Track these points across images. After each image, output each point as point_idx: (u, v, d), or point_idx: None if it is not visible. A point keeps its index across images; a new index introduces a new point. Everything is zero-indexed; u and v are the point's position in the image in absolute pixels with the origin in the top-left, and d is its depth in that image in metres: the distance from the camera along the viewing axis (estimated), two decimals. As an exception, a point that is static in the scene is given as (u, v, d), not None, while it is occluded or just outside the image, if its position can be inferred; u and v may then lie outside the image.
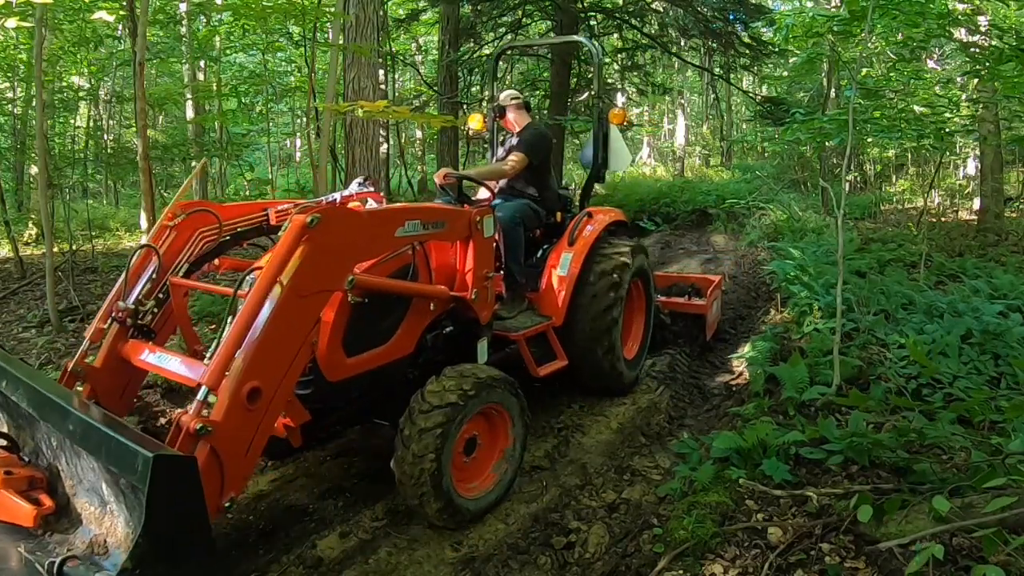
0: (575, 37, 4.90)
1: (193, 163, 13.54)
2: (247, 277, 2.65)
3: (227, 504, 2.27)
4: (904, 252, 7.62)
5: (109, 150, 12.51)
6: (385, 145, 11.33)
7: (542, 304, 4.24)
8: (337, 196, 3.79)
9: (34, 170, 11.42)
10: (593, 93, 4.50)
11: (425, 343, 3.38)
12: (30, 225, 11.56)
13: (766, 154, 23.04)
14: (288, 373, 2.48)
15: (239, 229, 3.47)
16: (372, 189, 3.91)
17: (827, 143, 5.85)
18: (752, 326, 6.28)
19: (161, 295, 3.07)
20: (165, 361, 2.72)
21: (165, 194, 17.03)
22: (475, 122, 4.99)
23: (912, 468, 3.00)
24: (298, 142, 20.77)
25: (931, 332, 4.67)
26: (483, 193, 4.62)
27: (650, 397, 4.61)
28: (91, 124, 13.93)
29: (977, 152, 11.28)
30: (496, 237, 3.80)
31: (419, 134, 18.96)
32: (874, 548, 2.45)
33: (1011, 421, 3.19)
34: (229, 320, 2.53)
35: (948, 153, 12.74)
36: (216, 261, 3.41)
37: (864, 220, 11.24)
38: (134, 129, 10.75)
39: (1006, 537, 2.21)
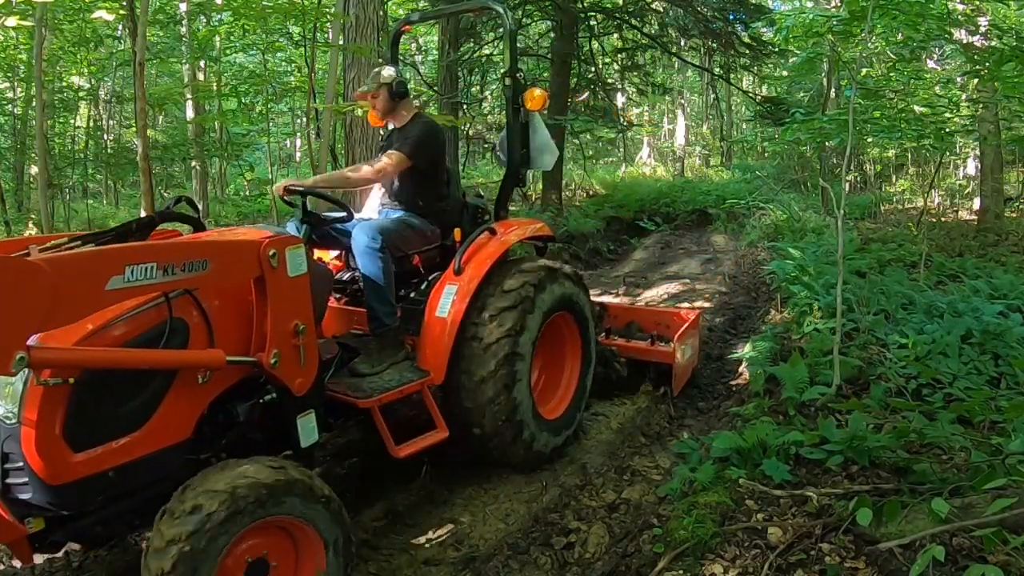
0: (485, 3, 4.04)
1: (194, 163, 13.56)
2: None
3: None
4: (904, 252, 7.62)
5: (109, 150, 12.53)
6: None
7: (421, 355, 3.28)
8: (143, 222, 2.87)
9: (34, 170, 11.42)
10: (504, 72, 3.73)
11: (218, 422, 2.56)
12: (30, 225, 11.55)
13: (766, 154, 23.05)
14: None
15: None
16: (192, 213, 3.00)
17: (827, 143, 5.87)
18: (752, 326, 6.28)
19: None
20: None
21: (165, 194, 17.05)
22: (374, 117, 3.88)
23: (912, 468, 3.00)
24: (298, 142, 20.77)
25: (931, 332, 4.66)
26: (372, 206, 3.92)
27: (650, 397, 4.61)
28: (91, 124, 13.94)
29: (977, 152, 11.29)
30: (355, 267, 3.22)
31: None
32: (874, 548, 2.45)
33: (1011, 421, 3.19)
34: None
35: (948, 153, 12.75)
36: None
37: (864, 220, 11.25)
38: (134, 129, 10.75)
39: (1006, 537, 2.21)
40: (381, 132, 5.18)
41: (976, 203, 10.67)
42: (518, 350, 3.29)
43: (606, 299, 6.66)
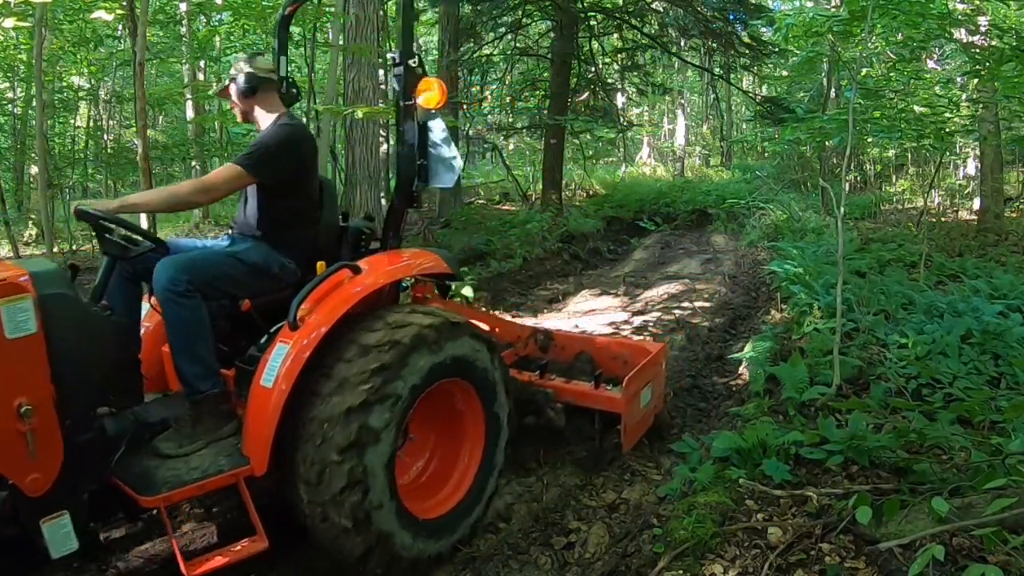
0: None
1: (194, 163, 13.57)
2: None
3: None
4: (904, 252, 7.62)
5: (109, 150, 12.54)
6: (385, 145, 11.32)
7: (245, 435, 2.49)
8: None
9: (34, 170, 11.43)
10: (393, 57, 2.94)
11: None
12: (30, 225, 11.57)
13: (766, 154, 23.06)
14: None
15: None
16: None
17: (827, 143, 5.86)
18: (752, 326, 6.28)
19: None
20: None
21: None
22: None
23: (912, 468, 3.00)
24: (298, 142, 20.74)
25: (931, 332, 4.66)
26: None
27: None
28: (91, 124, 13.95)
29: (977, 152, 11.29)
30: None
31: (419, 134, 18.96)
32: (874, 548, 2.45)
33: (1011, 421, 3.19)
34: None
35: (948, 153, 12.75)
36: None
37: (864, 220, 11.25)
38: (134, 129, 10.75)
39: (1006, 537, 2.21)
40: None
41: (976, 203, 10.67)
42: (374, 431, 2.39)
43: (553, 325, 6.27)
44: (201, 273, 2.57)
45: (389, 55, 3.07)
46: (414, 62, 2.89)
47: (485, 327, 4.06)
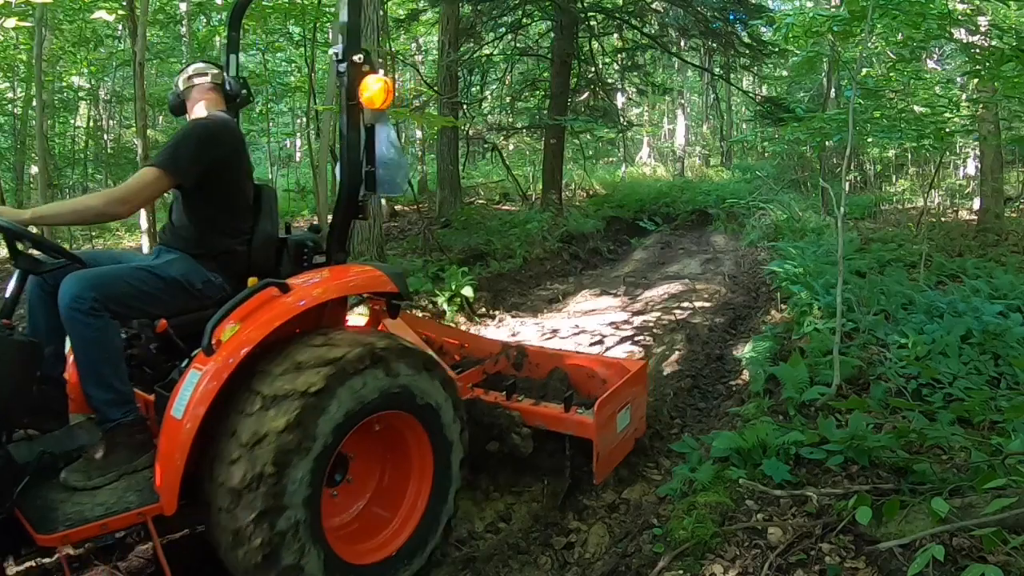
0: None
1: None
2: None
3: None
4: (904, 252, 7.62)
5: (109, 150, 12.54)
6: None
7: (157, 469, 2.25)
8: None
9: (34, 170, 11.43)
10: (336, 57, 2.68)
11: None
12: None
13: (766, 154, 23.06)
14: None
15: None
16: None
17: (827, 143, 5.86)
18: (752, 326, 6.28)
19: None
20: None
21: (165, 194, 17.05)
22: None
23: (912, 468, 3.00)
24: (298, 142, 20.76)
25: (931, 332, 4.66)
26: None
27: (649, 399, 4.61)
28: (91, 124, 13.95)
29: (977, 152, 11.29)
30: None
31: (419, 134, 18.97)
32: (874, 548, 2.45)
33: (1011, 421, 3.19)
34: None
35: (948, 153, 12.76)
36: None
37: (864, 220, 11.26)
38: (134, 129, 10.75)
39: (1006, 537, 2.21)
40: None
41: (976, 203, 10.67)
42: (292, 469, 2.16)
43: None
44: (110, 289, 2.31)
45: (331, 50, 2.82)
46: (359, 58, 2.62)
47: (453, 342, 4.03)
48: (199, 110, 2.73)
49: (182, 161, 2.48)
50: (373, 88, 2.56)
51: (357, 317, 4.08)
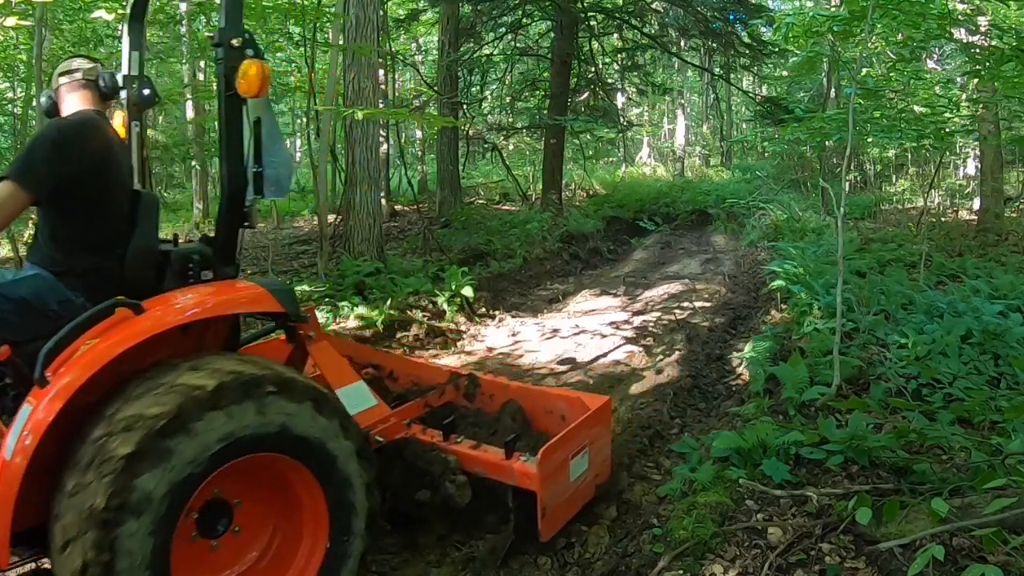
0: None
1: (194, 163, 13.58)
2: None
3: None
4: (904, 252, 7.62)
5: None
6: (385, 145, 11.33)
7: None
8: None
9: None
10: (212, 41, 2.42)
11: None
12: (30, 225, 11.56)
13: (766, 154, 23.06)
14: None
15: None
16: None
17: (827, 143, 5.86)
18: (752, 326, 6.28)
19: None
20: None
21: (165, 194, 17.05)
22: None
23: (912, 468, 3.00)
24: (298, 142, 20.77)
25: (931, 332, 4.66)
26: None
27: (649, 399, 4.61)
28: (91, 124, 13.93)
29: (977, 152, 11.29)
30: None
31: (419, 134, 18.98)
32: (874, 548, 2.45)
33: (1011, 421, 3.19)
34: None
35: (948, 153, 12.76)
36: None
37: (864, 220, 11.26)
38: (134, 129, 10.75)
39: (1006, 537, 2.21)
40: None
41: (976, 203, 10.68)
42: (131, 520, 1.86)
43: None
44: None
45: (207, 35, 2.53)
46: (238, 41, 2.30)
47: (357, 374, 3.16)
48: (66, 109, 2.45)
49: (36, 170, 2.20)
50: (247, 74, 2.26)
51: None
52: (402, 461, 2.83)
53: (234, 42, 2.31)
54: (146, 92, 2.73)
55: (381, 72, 9.49)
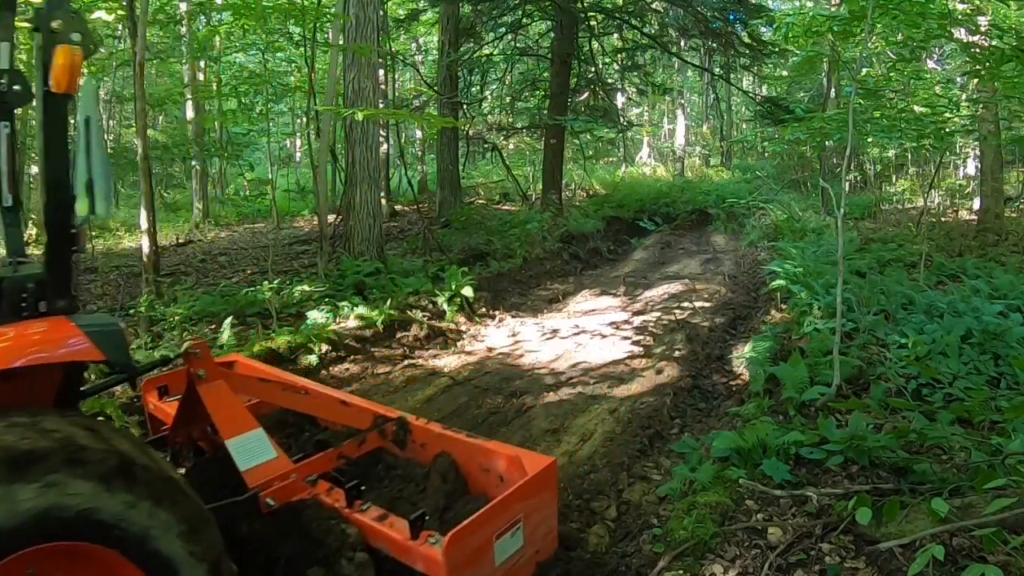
0: None
1: (194, 163, 13.58)
2: None
3: None
4: (904, 252, 7.63)
5: (109, 150, 12.52)
6: (385, 145, 11.33)
7: None
8: None
9: (34, 170, 11.42)
10: (31, 19, 1.97)
11: None
12: (30, 225, 11.56)
13: (766, 154, 23.07)
14: None
15: None
16: None
17: (827, 143, 5.86)
18: (752, 326, 6.28)
19: None
20: None
21: (165, 194, 17.06)
22: None
23: (912, 468, 3.00)
24: (298, 142, 20.77)
25: (931, 332, 4.66)
26: None
27: (649, 399, 4.61)
28: (91, 124, 13.93)
29: (977, 152, 11.29)
30: None
31: (419, 134, 18.98)
32: (874, 548, 2.45)
33: (1011, 421, 3.19)
34: None
35: (948, 153, 12.76)
36: None
37: (864, 220, 11.26)
38: (134, 129, 10.76)
39: (1006, 537, 2.21)
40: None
41: (976, 203, 10.67)
42: None
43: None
44: None
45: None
46: (59, 24, 1.87)
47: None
48: None
49: None
50: (54, 64, 1.85)
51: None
52: (299, 528, 2.35)
53: (54, 24, 1.86)
54: (16, 88, 2.23)
55: (381, 72, 9.48)
